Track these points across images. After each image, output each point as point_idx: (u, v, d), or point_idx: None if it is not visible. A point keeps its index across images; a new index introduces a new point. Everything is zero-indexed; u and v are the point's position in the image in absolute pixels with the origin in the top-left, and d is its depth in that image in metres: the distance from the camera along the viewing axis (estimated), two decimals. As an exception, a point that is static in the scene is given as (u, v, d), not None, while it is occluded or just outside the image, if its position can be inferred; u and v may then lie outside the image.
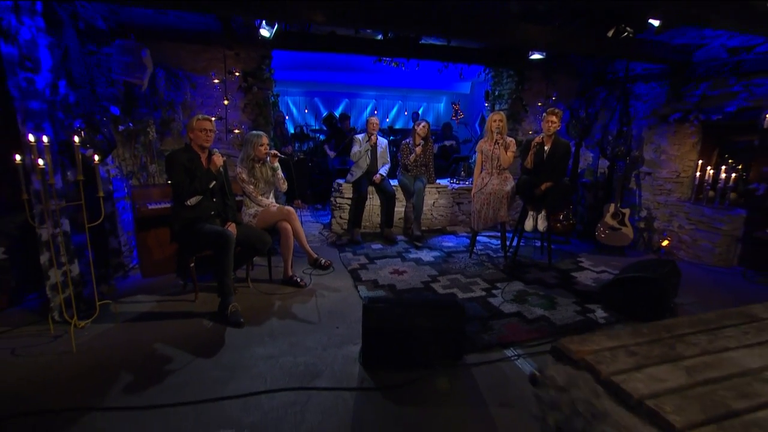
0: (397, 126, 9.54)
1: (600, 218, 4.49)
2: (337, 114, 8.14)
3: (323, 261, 3.56)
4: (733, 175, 4.02)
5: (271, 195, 3.56)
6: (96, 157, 2.49)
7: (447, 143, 6.67)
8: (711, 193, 4.23)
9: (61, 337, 2.45)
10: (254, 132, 3.37)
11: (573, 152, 4.76)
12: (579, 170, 5.14)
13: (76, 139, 2.33)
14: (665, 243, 4.43)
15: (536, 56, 4.47)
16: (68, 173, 2.67)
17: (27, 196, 2.30)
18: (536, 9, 3.23)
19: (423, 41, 4.46)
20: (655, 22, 3.06)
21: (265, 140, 3.28)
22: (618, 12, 3.21)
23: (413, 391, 2.06)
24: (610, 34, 3.39)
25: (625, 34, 3.30)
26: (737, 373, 1.05)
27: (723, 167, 4.07)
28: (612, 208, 4.45)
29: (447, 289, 3.35)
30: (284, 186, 3.47)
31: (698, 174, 4.33)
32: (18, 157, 2.19)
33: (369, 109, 9.66)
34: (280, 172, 3.39)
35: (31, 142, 2.19)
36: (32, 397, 1.93)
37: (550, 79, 5.04)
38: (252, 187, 3.33)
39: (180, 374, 2.15)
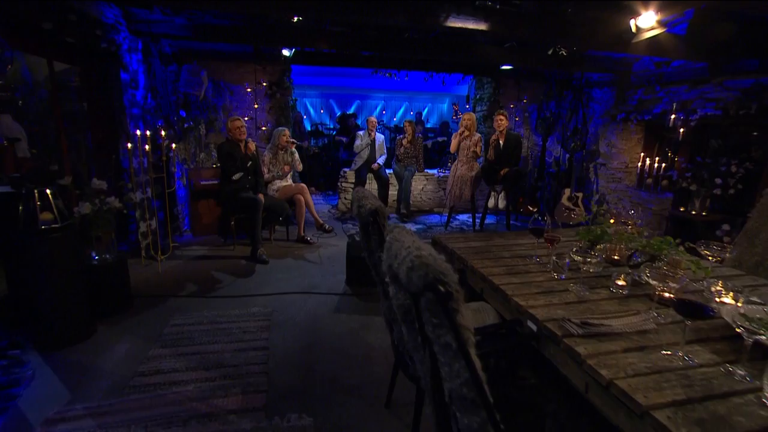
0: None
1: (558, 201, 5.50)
2: (348, 113, 9.36)
3: (327, 226, 4.75)
4: (663, 165, 4.96)
5: (290, 177, 4.77)
6: (173, 145, 3.74)
7: (440, 139, 7.75)
8: (649, 181, 5.17)
9: (149, 265, 3.73)
10: (279, 127, 4.60)
11: (543, 146, 5.77)
12: (546, 161, 6.14)
13: (163, 133, 3.59)
14: (612, 221, 5.38)
15: (506, 67, 5.52)
16: (153, 157, 3.94)
17: (126, 171, 3.58)
18: (496, 35, 4.27)
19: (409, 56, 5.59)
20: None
21: (287, 133, 4.50)
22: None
23: (375, 295, 3.20)
24: (549, 52, 4.42)
25: (560, 53, 4.32)
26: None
27: (657, 159, 5.01)
28: (568, 192, 5.45)
29: (419, 248, 4.46)
30: (300, 167, 4.67)
31: (639, 165, 5.27)
32: (129, 145, 3.46)
33: (378, 109, 10.83)
34: (297, 156, 4.60)
35: (136, 134, 3.46)
36: (143, 289, 3.19)
37: (521, 85, 6.07)
38: (267, 171, 4.52)
39: (225, 286, 3.37)
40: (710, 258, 1.68)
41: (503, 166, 4.86)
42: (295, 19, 3.53)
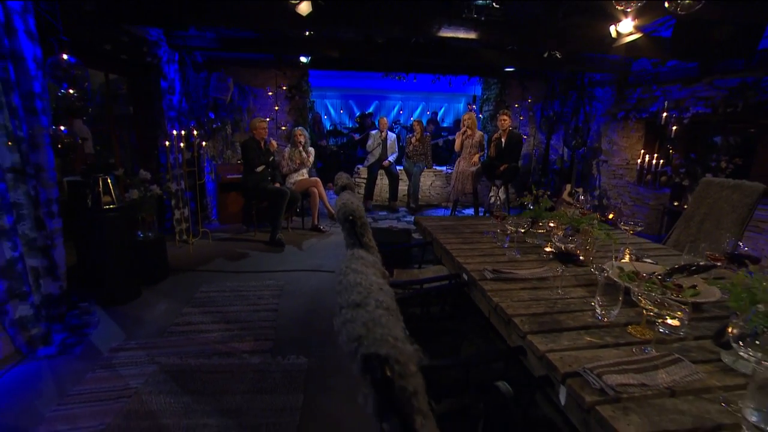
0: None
1: (559, 196, 5.79)
2: (367, 113, 9.92)
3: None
4: (661, 161, 5.18)
5: (305, 172, 5.33)
6: (203, 143, 4.37)
7: (451, 138, 8.13)
8: (649, 177, 5.39)
9: (182, 247, 4.37)
10: (296, 127, 5.17)
11: (547, 144, 6.07)
12: (550, 158, 6.42)
13: (195, 132, 4.21)
14: (611, 216, 5.63)
15: (509, 69, 5.87)
16: (186, 153, 4.58)
17: (163, 165, 4.22)
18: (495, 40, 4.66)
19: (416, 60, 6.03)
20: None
21: (300, 131, 5.06)
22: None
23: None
24: (545, 55, 4.76)
25: (555, 55, 4.65)
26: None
27: (656, 156, 5.23)
28: (568, 187, 5.74)
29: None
30: (311, 159, 5.21)
31: (639, 161, 5.50)
32: (167, 143, 4.10)
33: (395, 109, 11.30)
34: (304, 153, 5.13)
35: (172, 134, 4.10)
36: (177, 265, 3.81)
37: (525, 86, 6.38)
38: (286, 165, 5.09)
39: (246, 263, 3.95)
40: (626, 230, 2.06)
41: (503, 163, 5.23)
42: (307, 33, 4.07)
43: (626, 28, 3.65)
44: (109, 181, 2.86)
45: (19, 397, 1.99)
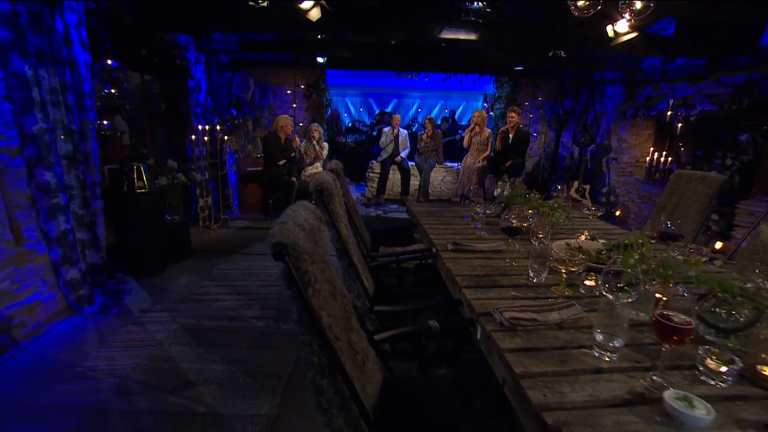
0: (438, 122, 11.32)
1: (567, 192, 5.93)
2: (386, 111, 10.28)
3: (348, 208, 5.65)
4: (669, 159, 5.24)
5: (320, 165, 5.72)
6: (225, 138, 4.83)
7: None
8: (657, 175, 5.46)
9: (204, 232, 4.85)
10: (312, 124, 5.58)
11: (557, 141, 6.21)
12: (561, 155, 6.55)
13: (218, 127, 4.67)
14: (618, 213, 5.73)
15: (518, 68, 6.05)
16: (210, 146, 5.07)
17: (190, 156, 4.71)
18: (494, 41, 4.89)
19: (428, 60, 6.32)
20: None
21: (315, 127, 5.46)
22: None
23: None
24: (550, 54, 4.94)
25: (560, 54, 4.83)
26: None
27: (664, 153, 5.30)
28: (576, 184, 5.87)
29: (425, 228, 5.21)
30: (324, 153, 5.59)
31: (647, 159, 5.57)
32: (193, 137, 4.58)
33: (414, 107, 11.58)
34: (318, 147, 5.52)
35: (198, 129, 4.58)
36: (199, 246, 4.28)
37: (536, 84, 6.53)
38: (306, 159, 5.52)
39: (261, 247, 4.37)
40: (589, 214, 2.31)
41: (509, 158, 5.43)
42: (319, 36, 4.45)
43: (623, 27, 3.82)
44: (142, 169, 3.33)
45: (71, 340, 2.46)
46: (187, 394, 2.03)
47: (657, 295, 1.28)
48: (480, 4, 3.46)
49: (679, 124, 4.80)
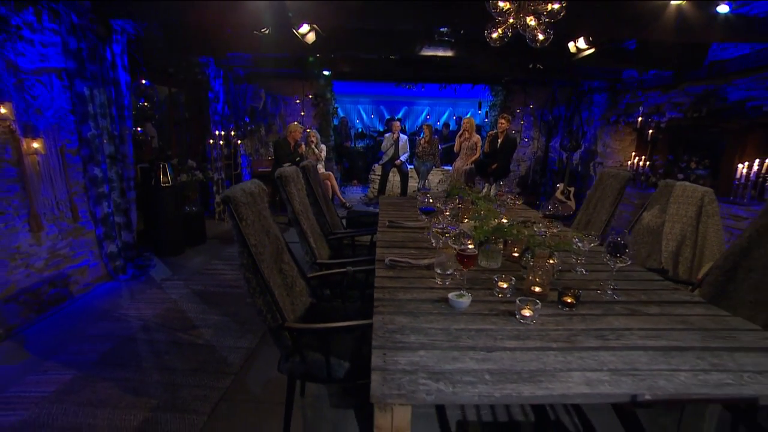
0: (440, 128, 11.93)
1: (552, 194, 6.43)
2: (396, 118, 11.03)
3: (348, 204, 6.36)
4: (648, 163, 5.67)
5: (321, 166, 6.49)
6: (239, 142, 5.68)
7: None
8: (642, 178, 5.88)
9: (219, 224, 5.68)
10: (309, 129, 6.38)
11: (546, 147, 6.72)
12: (551, 159, 7.04)
13: (233, 133, 5.52)
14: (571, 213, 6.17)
15: (507, 78, 6.63)
16: (226, 149, 5.93)
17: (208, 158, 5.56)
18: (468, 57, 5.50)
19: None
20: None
21: (312, 133, 6.24)
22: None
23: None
24: (530, 66, 5.51)
25: (538, 66, 5.39)
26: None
27: (643, 158, 5.73)
28: (561, 186, 6.36)
29: (414, 225, 5.86)
30: (322, 155, 6.34)
31: (629, 163, 6.00)
32: (211, 141, 5.43)
33: (423, 114, 12.26)
34: (316, 150, 6.27)
35: (215, 134, 5.43)
36: (213, 235, 5.10)
37: (527, 92, 7.07)
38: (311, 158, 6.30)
39: (266, 236, 5.15)
40: (512, 204, 2.92)
41: (495, 161, 6.01)
42: (317, 54, 5.23)
43: (583, 44, 4.39)
44: (167, 167, 4.17)
45: (110, 297, 3.29)
46: (191, 333, 2.78)
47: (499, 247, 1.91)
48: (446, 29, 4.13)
49: (651, 131, 5.25)
